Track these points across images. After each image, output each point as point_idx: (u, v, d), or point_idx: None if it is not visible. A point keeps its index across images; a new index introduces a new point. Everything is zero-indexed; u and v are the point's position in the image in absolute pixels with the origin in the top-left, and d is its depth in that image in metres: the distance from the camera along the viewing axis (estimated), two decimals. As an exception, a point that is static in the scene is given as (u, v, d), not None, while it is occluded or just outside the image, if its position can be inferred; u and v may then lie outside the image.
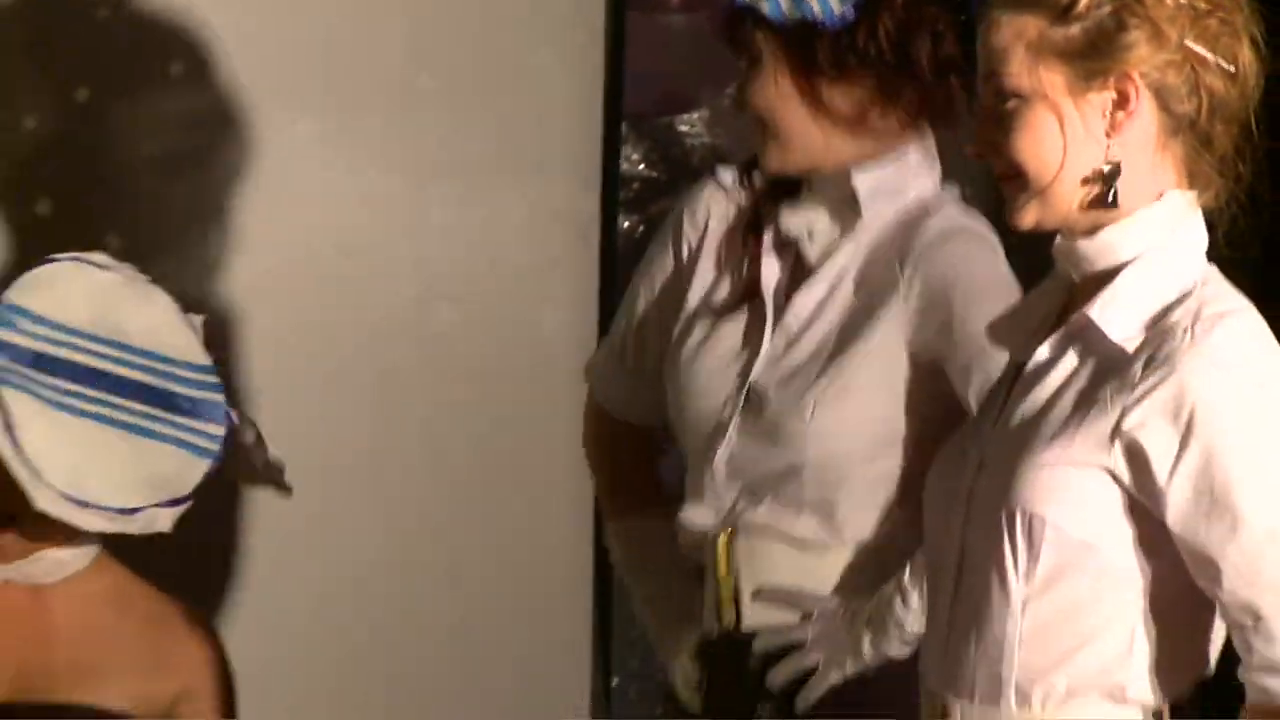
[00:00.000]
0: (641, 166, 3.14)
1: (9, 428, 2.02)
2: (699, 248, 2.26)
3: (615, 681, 3.08)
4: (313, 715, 2.99)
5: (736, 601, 2.24)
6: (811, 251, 2.20)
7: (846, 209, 2.18)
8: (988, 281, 2.16)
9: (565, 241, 3.08)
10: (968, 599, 1.85)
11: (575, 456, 2.40)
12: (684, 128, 3.10)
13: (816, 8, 2.14)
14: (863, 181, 2.17)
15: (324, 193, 3.01)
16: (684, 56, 2.98)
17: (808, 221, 2.22)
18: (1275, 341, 1.83)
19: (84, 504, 2.04)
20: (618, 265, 2.98)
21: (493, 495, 2.91)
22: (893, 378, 2.17)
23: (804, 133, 2.17)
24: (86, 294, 2.19)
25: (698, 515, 2.23)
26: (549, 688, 2.97)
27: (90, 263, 2.24)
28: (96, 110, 2.87)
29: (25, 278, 2.25)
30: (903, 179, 2.19)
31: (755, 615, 2.22)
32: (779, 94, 2.17)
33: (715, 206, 2.25)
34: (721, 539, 2.23)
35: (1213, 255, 1.86)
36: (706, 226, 2.26)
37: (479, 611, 2.93)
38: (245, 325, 2.90)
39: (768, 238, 2.21)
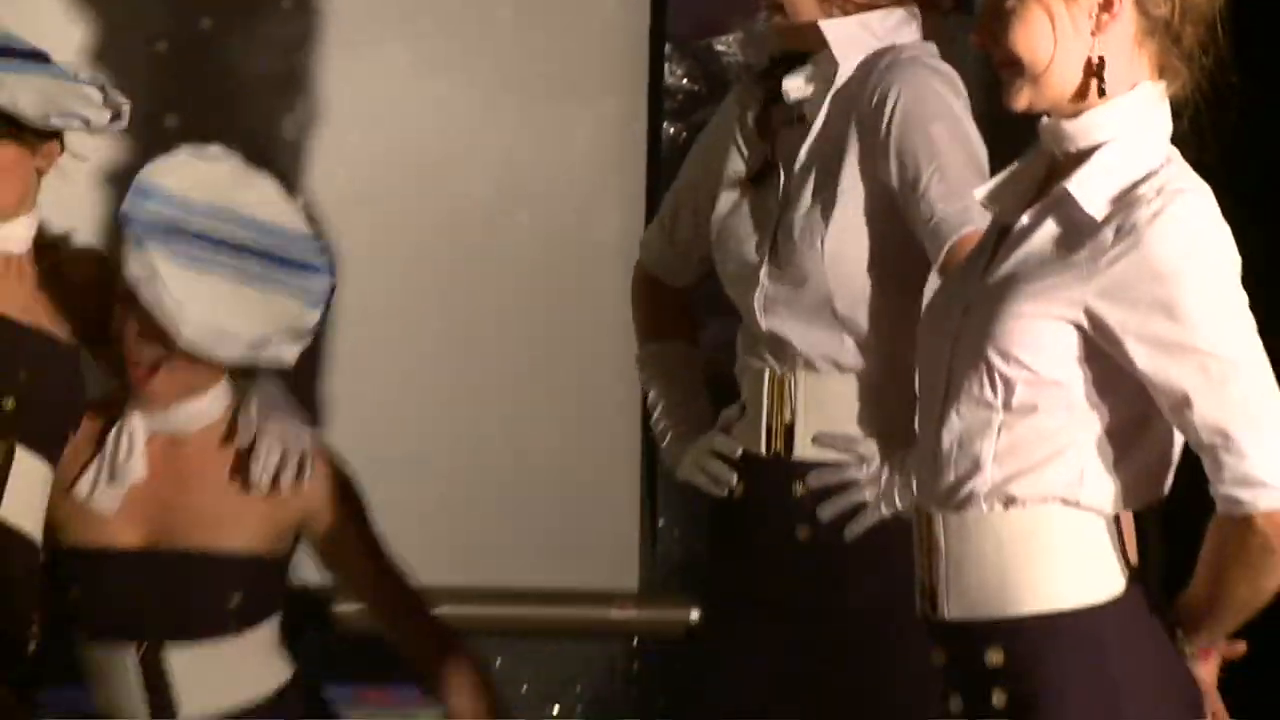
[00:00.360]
0: (685, 81, 3.49)
1: (154, 279, 2.44)
2: (731, 136, 2.54)
3: (661, 523, 3.50)
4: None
5: (789, 433, 2.50)
6: (808, 110, 2.44)
7: (828, 64, 2.40)
8: (932, 108, 2.40)
9: (619, 147, 3.43)
10: (952, 424, 2.10)
11: (625, 332, 2.76)
12: (720, 47, 3.44)
13: None
14: (830, 28, 2.39)
15: (410, 110, 3.35)
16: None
17: (801, 83, 2.46)
18: (1220, 215, 2.04)
19: (221, 332, 2.45)
20: (662, 167, 3.31)
21: (555, 367, 3.33)
22: (879, 206, 2.41)
23: (808, 11, 2.42)
24: (206, 176, 2.61)
25: (751, 359, 2.49)
26: (600, 529, 3.44)
27: (206, 154, 2.68)
28: (217, 36, 3.30)
29: (155, 163, 2.66)
30: (875, 31, 2.42)
31: (807, 450, 2.48)
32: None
33: (742, 103, 2.53)
34: (768, 373, 2.50)
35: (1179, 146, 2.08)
36: (737, 120, 2.53)
37: (540, 467, 3.36)
38: (341, 222, 3.29)
39: (777, 114, 2.47)
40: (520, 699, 3.68)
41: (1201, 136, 2.17)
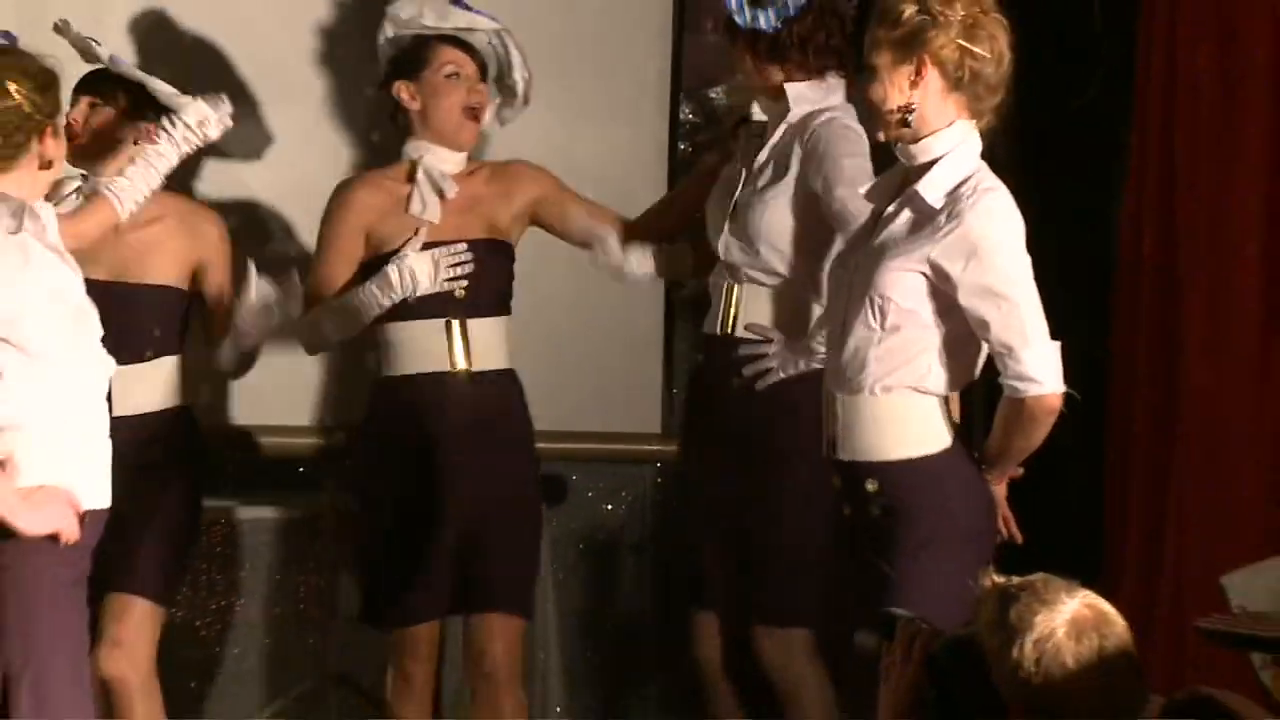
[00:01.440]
0: (690, 116, 4.70)
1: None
2: (733, 154, 3.69)
3: (675, 391, 4.65)
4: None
5: (734, 321, 3.55)
6: (767, 132, 3.57)
7: (779, 108, 3.54)
8: (844, 149, 3.46)
9: (648, 158, 4.53)
10: (849, 341, 2.88)
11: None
12: (713, 95, 4.69)
13: (761, 21, 3.53)
14: (791, 89, 3.54)
15: (496, 131, 4.10)
16: (715, 63, 4.45)
17: (760, 112, 3.63)
18: (1013, 204, 2.89)
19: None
20: (676, 171, 4.47)
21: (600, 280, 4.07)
22: (802, 200, 3.48)
23: (773, 79, 3.56)
24: None
25: (718, 278, 3.61)
26: (634, 386, 4.56)
27: None
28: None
29: None
30: (817, 93, 3.53)
31: (741, 332, 3.55)
32: (743, 65, 3.62)
33: (742, 134, 3.68)
34: (725, 285, 3.58)
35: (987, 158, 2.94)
36: (736, 144, 3.71)
37: (592, 347, 4.42)
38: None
39: (743, 135, 3.65)
40: (587, 501, 5.06)
41: (994, 153, 3.06)
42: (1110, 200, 4.98)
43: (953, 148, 2.92)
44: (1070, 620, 2.43)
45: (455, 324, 3.81)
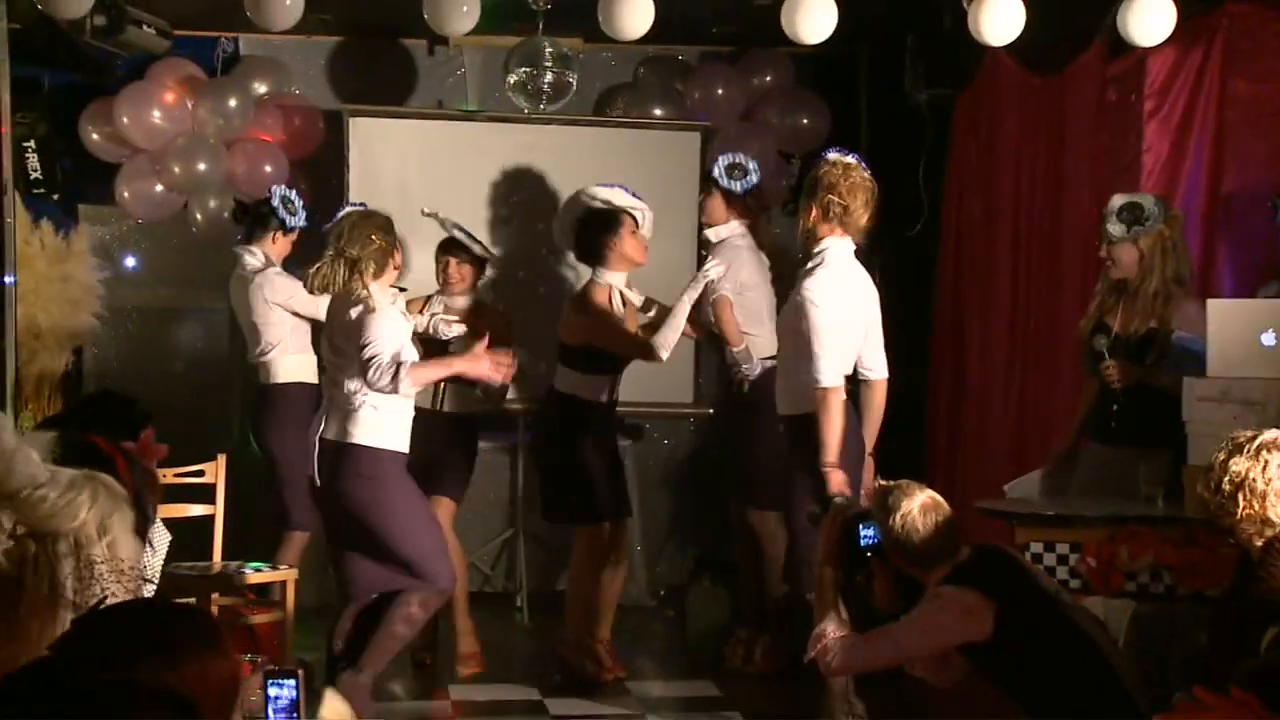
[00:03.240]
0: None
1: None
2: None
3: (701, 380, 7.91)
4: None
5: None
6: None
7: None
8: (747, 261, 6.17)
9: (680, 268, 7.21)
10: (784, 361, 5.47)
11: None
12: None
13: (737, 186, 6.20)
14: (713, 232, 6.40)
15: None
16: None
17: (712, 237, 6.26)
18: (831, 281, 4.91)
19: None
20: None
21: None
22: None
23: (719, 218, 6.24)
24: None
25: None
26: (673, 372, 7.74)
27: None
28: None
29: None
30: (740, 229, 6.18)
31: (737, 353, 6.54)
32: (717, 210, 6.33)
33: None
34: None
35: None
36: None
37: None
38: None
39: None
40: (654, 440, 8.18)
41: (860, 251, 5.18)
42: (931, 281, 7.93)
43: (828, 250, 4.99)
44: (920, 504, 3.97)
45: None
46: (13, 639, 2.18)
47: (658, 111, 8.05)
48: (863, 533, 4.13)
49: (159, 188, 7.54)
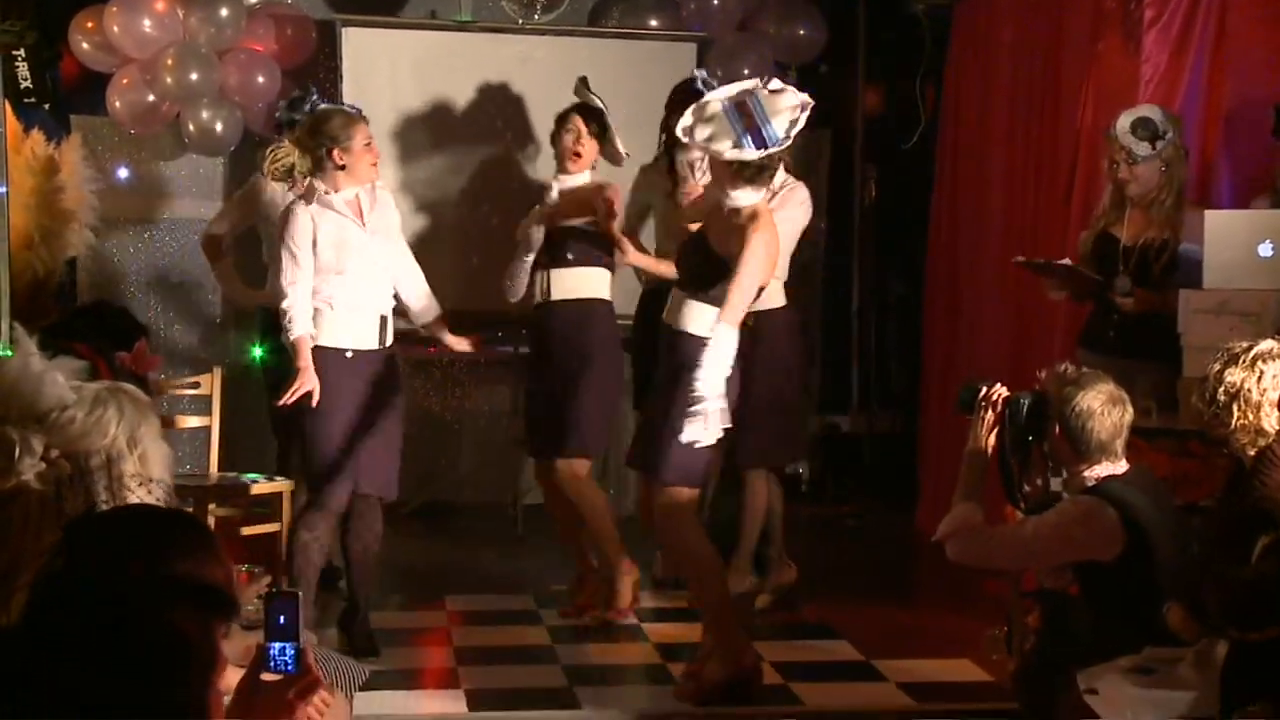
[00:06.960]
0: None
1: None
2: None
3: None
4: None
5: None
6: None
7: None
8: None
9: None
10: None
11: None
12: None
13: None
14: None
15: None
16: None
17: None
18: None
19: None
20: None
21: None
22: None
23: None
24: None
25: None
26: None
27: None
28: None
29: None
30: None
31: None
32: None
33: None
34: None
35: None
36: None
37: None
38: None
39: None
40: None
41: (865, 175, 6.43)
42: (928, 195, 8.07)
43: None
44: (1108, 394, 4.03)
45: None
46: None
47: (653, 22, 8.05)
48: (1026, 414, 4.16)
49: (151, 98, 7.52)
